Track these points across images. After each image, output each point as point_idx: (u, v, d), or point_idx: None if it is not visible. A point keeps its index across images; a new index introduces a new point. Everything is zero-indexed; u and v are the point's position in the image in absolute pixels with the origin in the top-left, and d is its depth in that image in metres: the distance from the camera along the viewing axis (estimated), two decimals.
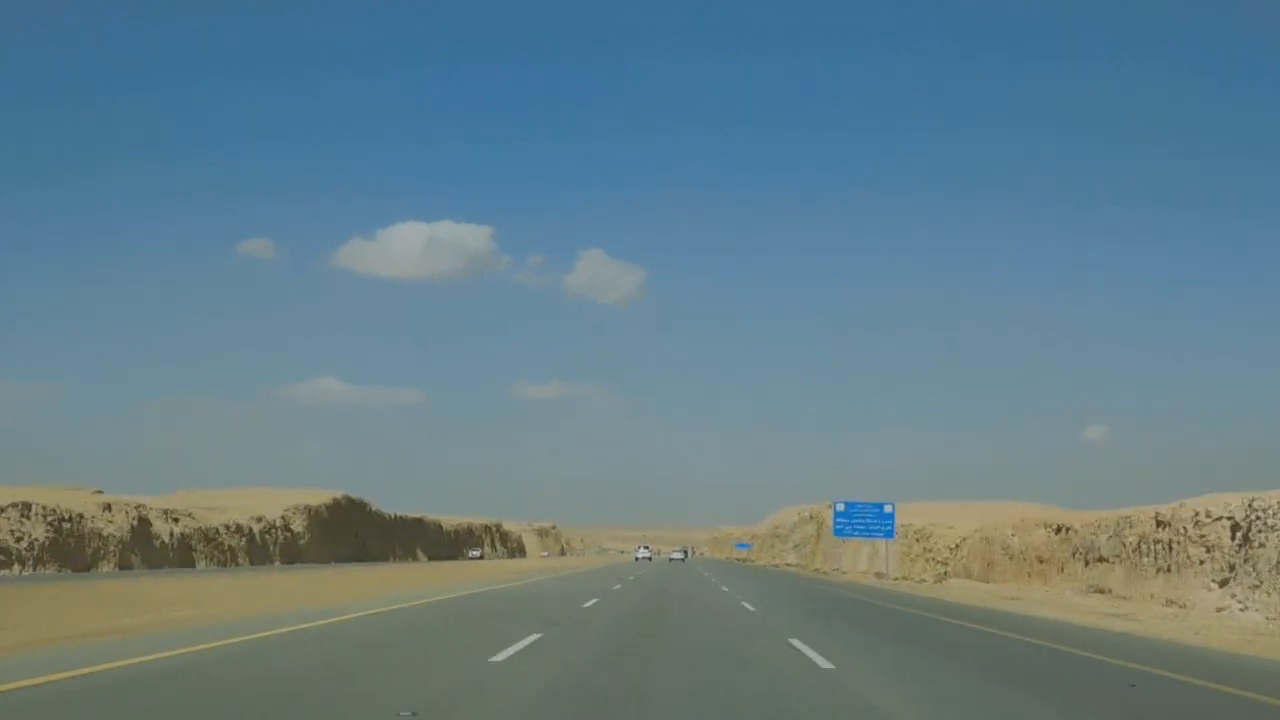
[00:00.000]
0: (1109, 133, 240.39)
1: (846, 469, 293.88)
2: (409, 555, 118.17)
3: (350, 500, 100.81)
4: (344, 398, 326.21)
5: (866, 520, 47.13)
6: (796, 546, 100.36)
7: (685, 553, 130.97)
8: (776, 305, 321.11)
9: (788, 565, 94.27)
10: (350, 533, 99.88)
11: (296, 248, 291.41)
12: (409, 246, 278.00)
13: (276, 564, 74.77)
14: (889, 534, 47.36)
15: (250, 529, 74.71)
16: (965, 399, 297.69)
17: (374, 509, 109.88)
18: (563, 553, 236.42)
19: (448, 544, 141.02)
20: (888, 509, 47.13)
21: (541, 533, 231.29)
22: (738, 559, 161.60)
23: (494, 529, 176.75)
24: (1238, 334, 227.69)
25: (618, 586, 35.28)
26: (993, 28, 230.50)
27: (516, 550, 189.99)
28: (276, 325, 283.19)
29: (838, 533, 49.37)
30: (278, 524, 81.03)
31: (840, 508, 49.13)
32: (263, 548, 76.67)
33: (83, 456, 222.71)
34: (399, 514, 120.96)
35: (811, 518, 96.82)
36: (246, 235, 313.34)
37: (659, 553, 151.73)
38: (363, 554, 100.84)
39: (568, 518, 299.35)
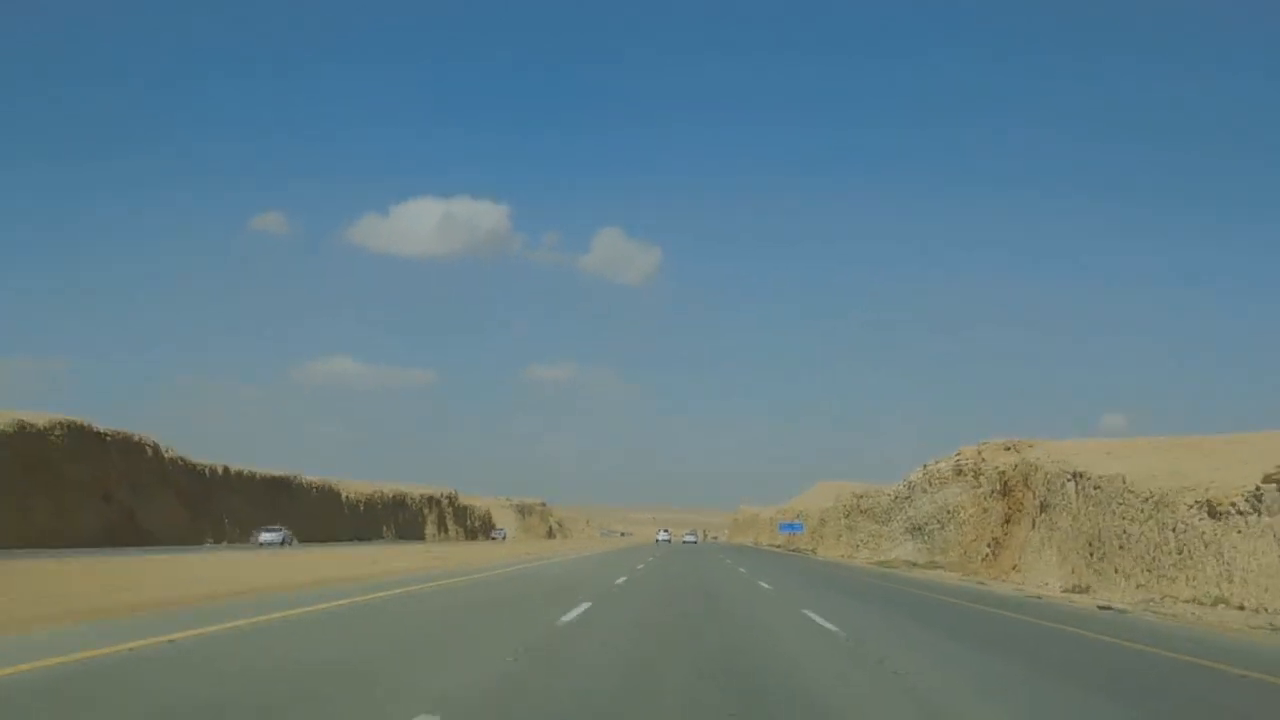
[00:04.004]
0: (1129, 128, 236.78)
1: (866, 453, 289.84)
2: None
3: (78, 431, 54.03)
4: (358, 378, 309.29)
5: None
6: (918, 530, 53.65)
7: (696, 536, 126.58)
8: (793, 289, 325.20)
9: (915, 565, 47.83)
10: (91, 491, 53.71)
11: (309, 223, 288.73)
12: (423, 223, 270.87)
13: None
14: None
15: None
16: (984, 385, 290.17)
17: (167, 455, 63.37)
18: (551, 534, 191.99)
19: (354, 521, 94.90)
20: None
21: (523, 510, 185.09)
22: (774, 546, 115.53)
23: (445, 501, 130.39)
24: (1252, 324, 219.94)
25: None
26: (1009, 27, 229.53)
27: (481, 531, 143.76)
28: (289, 303, 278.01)
29: None
30: None
31: None
32: None
33: None
34: (241, 470, 74.64)
35: (959, 471, 49.61)
36: (258, 210, 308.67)
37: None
38: (126, 532, 54.58)
39: (577, 498, 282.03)
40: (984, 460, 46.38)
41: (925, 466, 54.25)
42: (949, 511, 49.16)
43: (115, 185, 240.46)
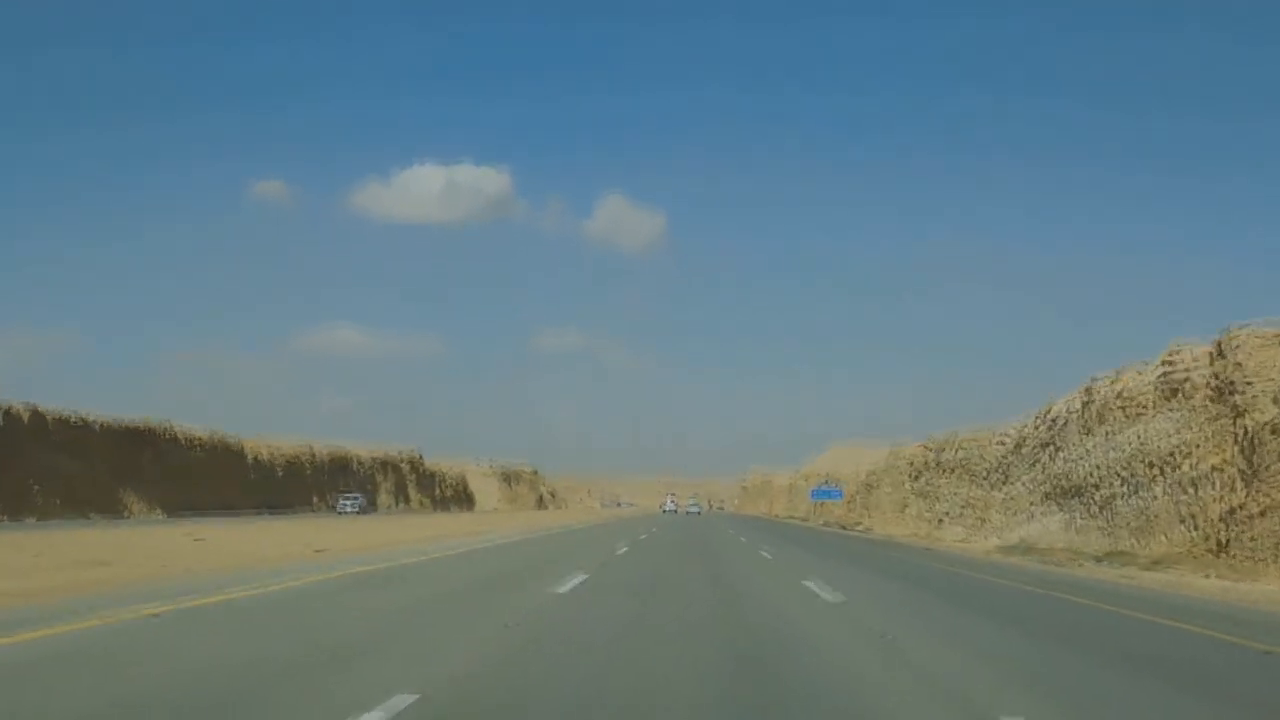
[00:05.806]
0: (1124, 97, 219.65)
1: (876, 418, 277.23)
2: (95, 506, 51.17)
3: None
4: (361, 345, 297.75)
5: None
6: (1073, 495, 32.44)
7: (700, 506, 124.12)
8: (798, 254, 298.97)
9: (1095, 558, 26.95)
10: None
11: (309, 189, 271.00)
12: (426, 189, 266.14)
13: None
14: None
15: None
16: (996, 354, 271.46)
17: None
18: (542, 504, 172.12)
19: (268, 487, 74.13)
20: None
21: (509, 476, 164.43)
22: (798, 519, 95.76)
23: (406, 465, 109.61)
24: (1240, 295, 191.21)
25: None
26: None
27: (453, 501, 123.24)
28: (290, 271, 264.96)
29: None
30: None
31: None
32: None
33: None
34: (69, 417, 53.73)
35: (1172, 391, 28.56)
36: (258, 176, 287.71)
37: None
38: None
39: (580, 467, 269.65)
40: (1236, 366, 25.22)
41: (1087, 389, 33.01)
42: (1152, 463, 28.06)
43: (108, 152, 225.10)
